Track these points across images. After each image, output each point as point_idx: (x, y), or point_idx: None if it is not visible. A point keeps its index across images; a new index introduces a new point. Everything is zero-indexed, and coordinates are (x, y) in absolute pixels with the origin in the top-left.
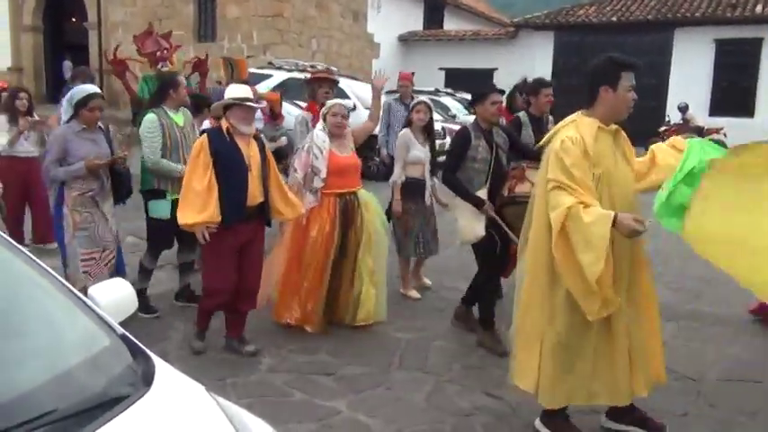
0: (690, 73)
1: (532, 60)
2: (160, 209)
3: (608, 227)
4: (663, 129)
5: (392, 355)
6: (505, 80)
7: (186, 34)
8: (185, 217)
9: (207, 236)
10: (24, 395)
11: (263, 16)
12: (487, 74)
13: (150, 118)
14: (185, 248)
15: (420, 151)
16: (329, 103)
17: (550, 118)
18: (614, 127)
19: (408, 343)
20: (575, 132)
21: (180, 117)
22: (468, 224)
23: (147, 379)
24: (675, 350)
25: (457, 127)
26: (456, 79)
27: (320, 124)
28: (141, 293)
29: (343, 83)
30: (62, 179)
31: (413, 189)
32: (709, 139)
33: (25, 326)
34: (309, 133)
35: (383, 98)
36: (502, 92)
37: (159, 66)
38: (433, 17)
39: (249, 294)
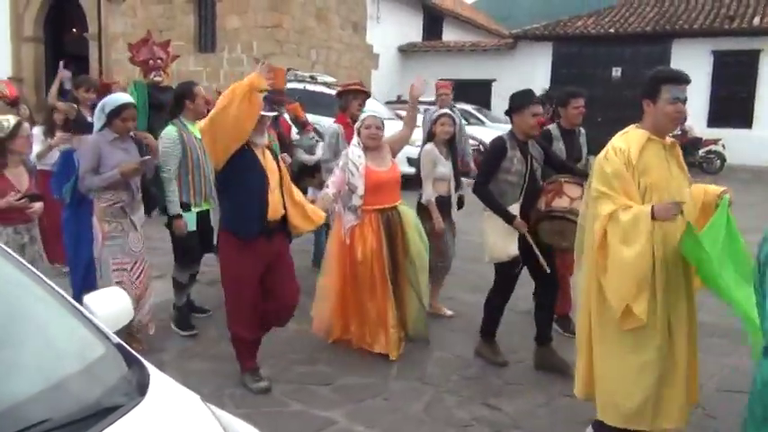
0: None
1: (531, 71)
2: (186, 221)
3: (648, 218)
4: None
5: (390, 365)
6: (504, 91)
7: (187, 45)
8: None
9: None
10: (18, 404)
11: (263, 27)
12: (486, 85)
13: (169, 131)
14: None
15: (445, 167)
16: (362, 115)
17: (582, 131)
18: (669, 140)
19: (407, 353)
20: (623, 143)
21: (197, 129)
22: (501, 241)
23: (141, 388)
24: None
25: None
26: (455, 90)
27: (355, 139)
28: (180, 310)
29: None
30: (98, 187)
31: (440, 206)
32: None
33: (20, 334)
34: (344, 150)
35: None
36: (542, 102)
37: (152, 75)
38: (433, 28)
39: (284, 316)
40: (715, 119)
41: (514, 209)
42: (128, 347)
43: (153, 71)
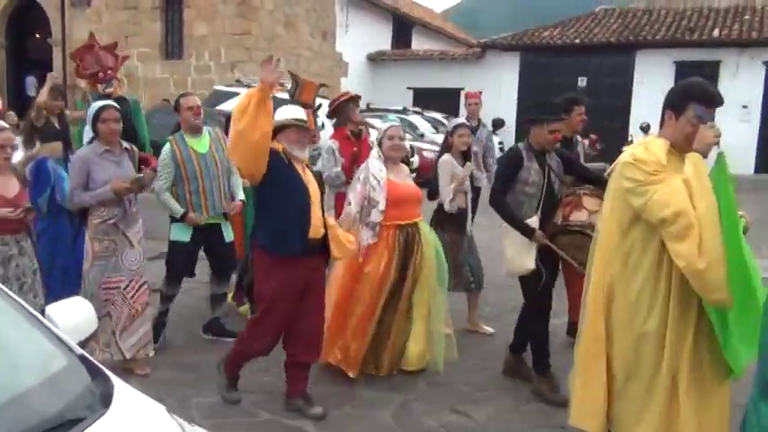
0: (651, 94)
1: (499, 80)
2: (180, 232)
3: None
4: (626, 148)
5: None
6: None
7: (153, 51)
8: None
9: None
10: None
11: (231, 34)
12: (455, 93)
13: (164, 149)
14: (218, 279)
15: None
16: (383, 125)
17: (579, 138)
18: (694, 155)
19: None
20: (644, 152)
21: (201, 142)
22: (517, 255)
23: (105, 400)
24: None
25: (426, 146)
26: (424, 98)
27: (375, 151)
28: (161, 317)
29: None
30: (89, 204)
31: (457, 219)
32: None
33: None
34: (365, 162)
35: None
36: (561, 119)
37: (103, 88)
38: (401, 37)
39: (313, 343)
40: None
41: (534, 221)
42: (91, 358)
43: (103, 83)
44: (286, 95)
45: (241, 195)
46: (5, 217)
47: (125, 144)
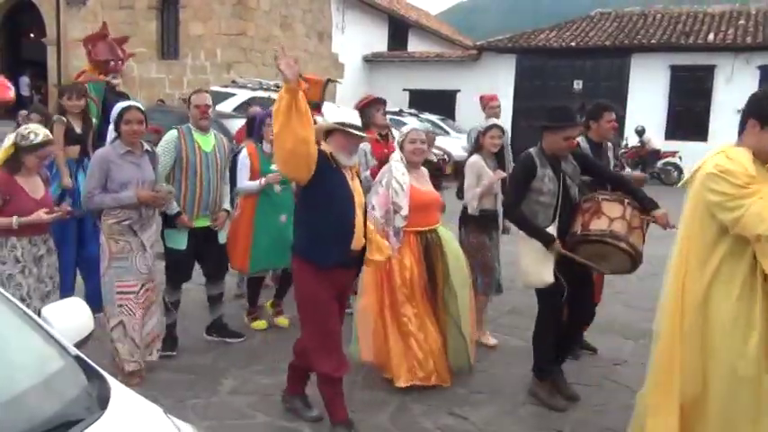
0: (646, 97)
1: (495, 82)
2: (175, 239)
3: None
4: (621, 151)
5: (356, 374)
6: (468, 102)
7: (149, 51)
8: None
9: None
10: None
11: (227, 35)
12: (451, 95)
13: (168, 135)
14: (213, 280)
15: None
16: (404, 128)
17: (610, 144)
18: None
19: (372, 362)
20: (728, 162)
21: (207, 140)
22: (534, 266)
23: (102, 401)
24: (634, 369)
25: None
26: (420, 100)
27: (397, 154)
28: (170, 329)
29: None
30: (108, 207)
31: (487, 222)
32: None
33: None
34: (386, 165)
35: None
36: (579, 125)
37: (110, 77)
38: (398, 38)
39: None
40: (673, 132)
41: (551, 231)
42: (87, 360)
43: (111, 73)
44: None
45: (227, 206)
46: (42, 220)
47: (146, 146)
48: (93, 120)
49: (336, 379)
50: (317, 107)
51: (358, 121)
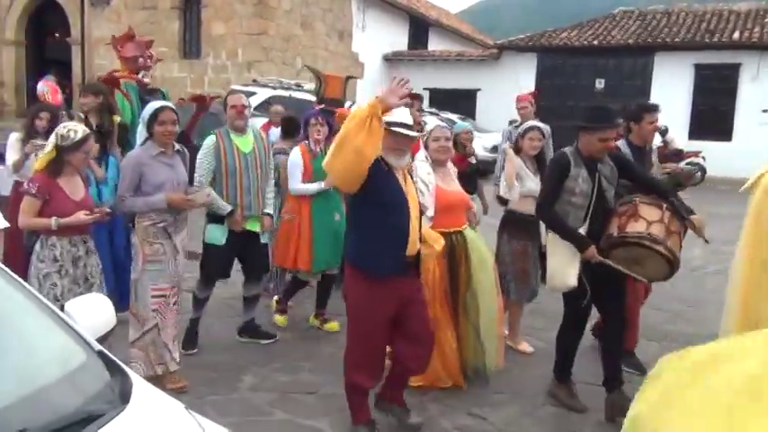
0: (670, 96)
1: (516, 81)
2: (216, 234)
3: None
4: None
5: None
6: (489, 101)
7: (171, 51)
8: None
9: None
10: None
11: (249, 34)
12: (472, 94)
13: (207, 141)
14: (251, 280)
15: (533, 182)
16: (428, 126)
17: (654, 147)
18: None
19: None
20: None
21: (246, 141)
22: (560, 270)
23: (124, 396)
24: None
25: None
26: (440, 99)
27: (422, 153)
28: (193, 324)
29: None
30: (140, 210)
31: (526, 226)
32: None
33: None
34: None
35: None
36: (616, 126)
37: (140, 75)
38: (418, 37)
39: (422, 358)
40: (696, 131)
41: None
42: (110, 355)
43: (142, 70)
44: (303, 95)
45: (269, 209)
46: (81, 222)
47: (177, 146)
48: (127, 118)
49: (366, 390)
50: (338, 104)
51: (409, 120)
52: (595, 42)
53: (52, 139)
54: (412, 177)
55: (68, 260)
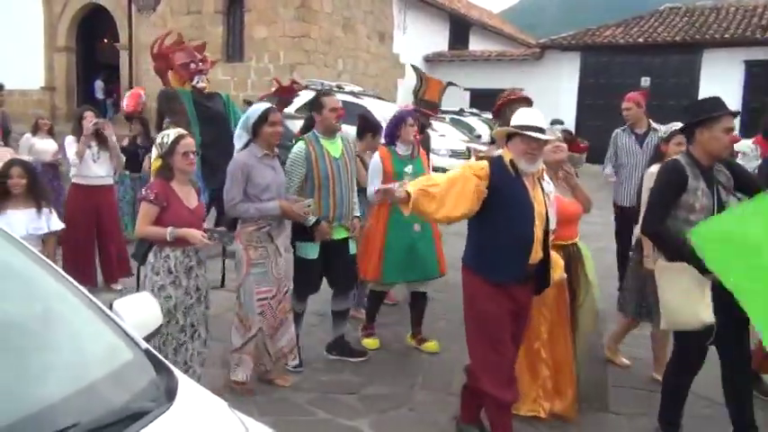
0: (719, 94)
1: (558, 81)
2: (307, 249)
3: None
4: None
5: (416, 375)
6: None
7: (215, 54)
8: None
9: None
10: (47, 408)
11: (291, 37)
12: None
13: (296, 148)
14: (339, 295)
15: None
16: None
17: (750, 152)
18: None
19: (432, 363)
20: None
21: (336, 146)
22: (688, 305)
23: (169, 394)
24: (704, 376)
25: (482, 147)
26: (481, 99)
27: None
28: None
29: (369, 103)
30: (251, 217)
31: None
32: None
33: (50, 339)
34: None
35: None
36: (735, 114)
37: (195, 81)
38: (459, 38)
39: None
40: (748, 129)
41: None
42: (156, 353)
43: (195, 76)
44: (345, 96)
45: (357, 212)
46: (197, 242)
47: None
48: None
49: (504, 404)
50: (433, 107)
51: (541, 123)
52: (640, 40)
53: (154, 152)
54: (541, 185)
55: (182, 271)
